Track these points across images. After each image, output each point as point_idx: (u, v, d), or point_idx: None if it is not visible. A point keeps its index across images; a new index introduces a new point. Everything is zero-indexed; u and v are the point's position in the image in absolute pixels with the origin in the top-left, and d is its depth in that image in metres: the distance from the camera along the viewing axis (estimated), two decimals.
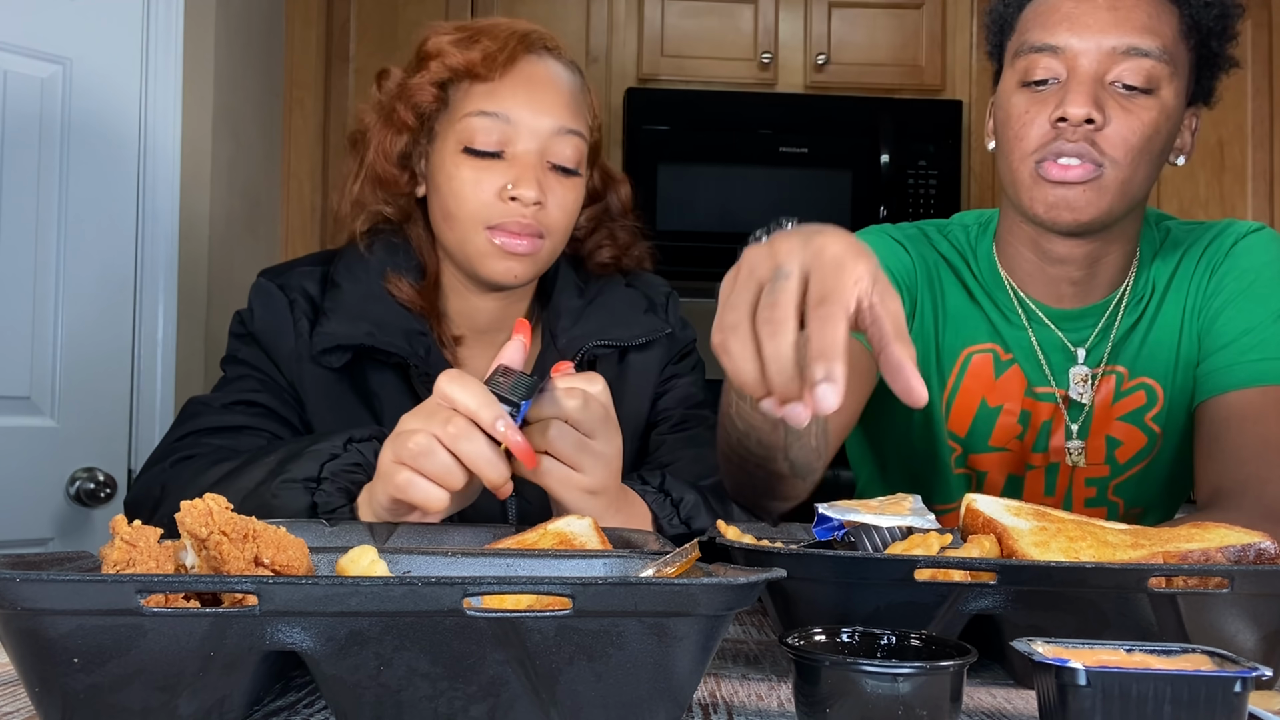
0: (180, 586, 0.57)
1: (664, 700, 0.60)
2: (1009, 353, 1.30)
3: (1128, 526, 0.85)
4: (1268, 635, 0.74)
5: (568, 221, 1.18)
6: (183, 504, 0.64)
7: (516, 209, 1.13)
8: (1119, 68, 1.14)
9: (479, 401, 0.85)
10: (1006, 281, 1.30)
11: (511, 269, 1.15)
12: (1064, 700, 0.61)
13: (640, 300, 1.27)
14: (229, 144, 2.40)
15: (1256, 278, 1.25)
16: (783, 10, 3.12)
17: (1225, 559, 0.78)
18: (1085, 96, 1.13)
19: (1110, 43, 1.14)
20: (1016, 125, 1.18)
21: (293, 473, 0.97)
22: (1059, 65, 1.16)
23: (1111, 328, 1.28)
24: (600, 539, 0.85)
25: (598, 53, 3.09)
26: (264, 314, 1.19)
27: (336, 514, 0.96)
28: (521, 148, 1.14)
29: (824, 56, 3.09)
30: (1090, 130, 1.13)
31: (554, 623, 0.57)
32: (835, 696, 0.60)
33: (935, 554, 0.83)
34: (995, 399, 1.31)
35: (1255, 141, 3.23)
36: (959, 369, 1.32)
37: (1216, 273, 1.27)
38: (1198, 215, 3.21)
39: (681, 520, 1.05)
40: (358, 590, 0.56)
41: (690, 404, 1.27)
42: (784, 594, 0.78)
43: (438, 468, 0.86)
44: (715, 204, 2.99)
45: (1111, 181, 1.15)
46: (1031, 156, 1.16)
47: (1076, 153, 1.14)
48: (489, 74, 1.15)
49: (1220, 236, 1.30)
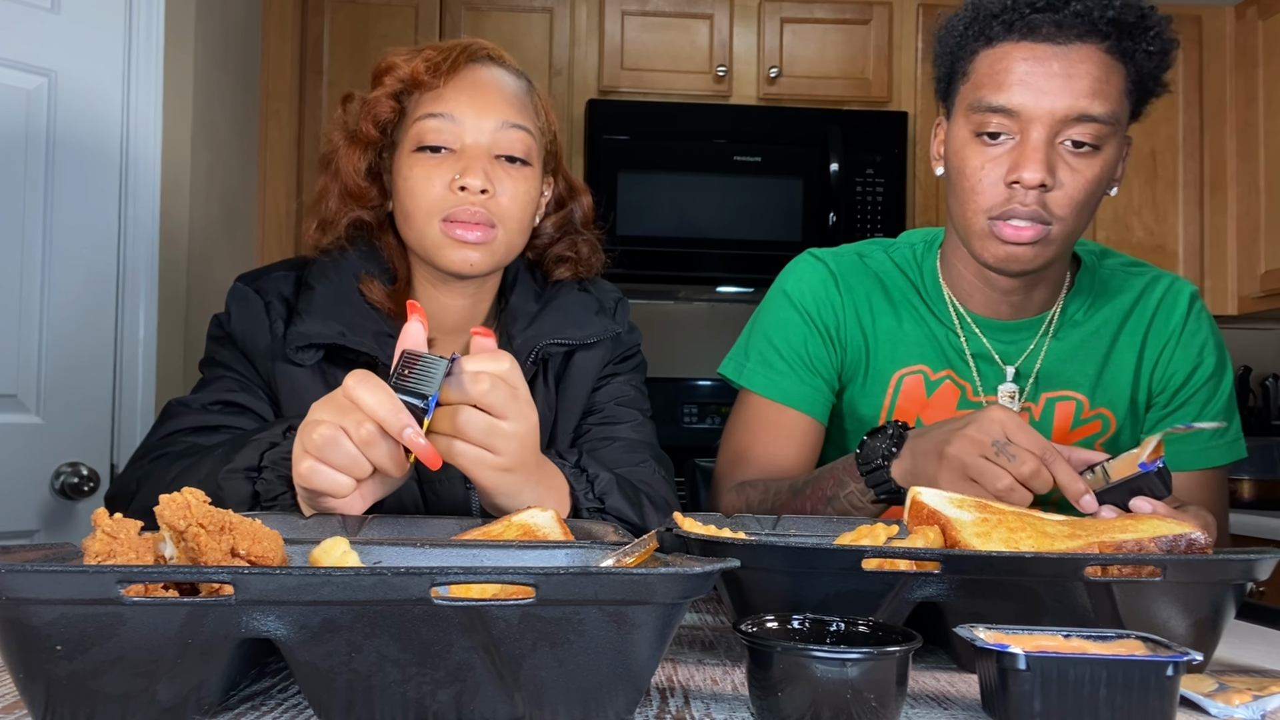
0: (159, 577, 0.57)
1: (623, 685, 0.60)
2: (938, 371, 1.33)
3: (1065, 518, 0.86)
4: (1198, 621, 0.75)
5: (520, 212, 1.18)
6: (161, 498, 0.63)
7: (466, 198, 1.13)
8: (1069, 131, 1.16)
9: (387, 409, 0.84)
10: (948, 295, 1.34)
11: (467, 258, 1.15)
12: (1004, 684, 0.62)
13: (592, 303, 1.28)
14: (207, 153, 2.38)
15: (1210, 365, 1.33)
16: (737, 25, 3.14)
17: (1158, 548, 0.79)
18: (1039, 163, 1.14)
19: (1063, 109, 1.15)
20: (971, 179, 1.20)
21: (236, 463, 0.97)
22: (1013, 124, 1.17)
23: (1042, 348, 1.32)
24: (563, 530, 0.85)
25: (560, 65, 3.08)
26: (240, 316, 1.18)
27: (278, 501, 0.95)
28: (469, 142, 1.15)
29: (776, 70, 3.11)
30: (1041, 193, 1.16)
31: (518, 611, 0.57)
32: (787, 681, 0.60)
33: (882, 544, 0.84)
34: (930, 416, 1.33)
35: (1186, 151, 3.28)
36: (893, 390, 1.34)
37: (1173, 341, 1.33)
38: (1131, 221, 3.25)
39: (596, 495, 1.05)
40: (330, 580, 0.56)
41: (621, 401, 1.28)
42: (738, 583, 0.78)
43: (343, 459, 0.85)
44: (672, 211, 3.00)
45: (1058, 235, 1.18)
46: (985, 213, 1.19)
47: (1029, 215, 1.16)
48: (435, 80, 1.17)
49: (1170, 296, 1.35)
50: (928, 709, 0.68)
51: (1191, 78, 3.28)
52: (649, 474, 1.19)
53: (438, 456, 0.87)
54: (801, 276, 1.38)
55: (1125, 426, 1.33)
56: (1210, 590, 0.75)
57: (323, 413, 0.86)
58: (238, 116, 2.62)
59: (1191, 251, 3.27)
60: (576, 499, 1.04)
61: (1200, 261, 3.27)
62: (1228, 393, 1.35)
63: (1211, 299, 3.25)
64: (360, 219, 1.22)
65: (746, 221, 3.01)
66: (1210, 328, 1.35)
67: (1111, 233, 3.22)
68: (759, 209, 3.01)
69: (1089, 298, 1.34)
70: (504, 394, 0.90)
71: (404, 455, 0.87)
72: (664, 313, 3.39)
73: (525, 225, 1.20)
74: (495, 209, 1.15)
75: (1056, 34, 1.15)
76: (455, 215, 1.14)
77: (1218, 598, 0.75)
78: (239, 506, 0.94)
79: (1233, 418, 1.35)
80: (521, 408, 0.92)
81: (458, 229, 1.14)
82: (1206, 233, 3.27)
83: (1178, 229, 3.28)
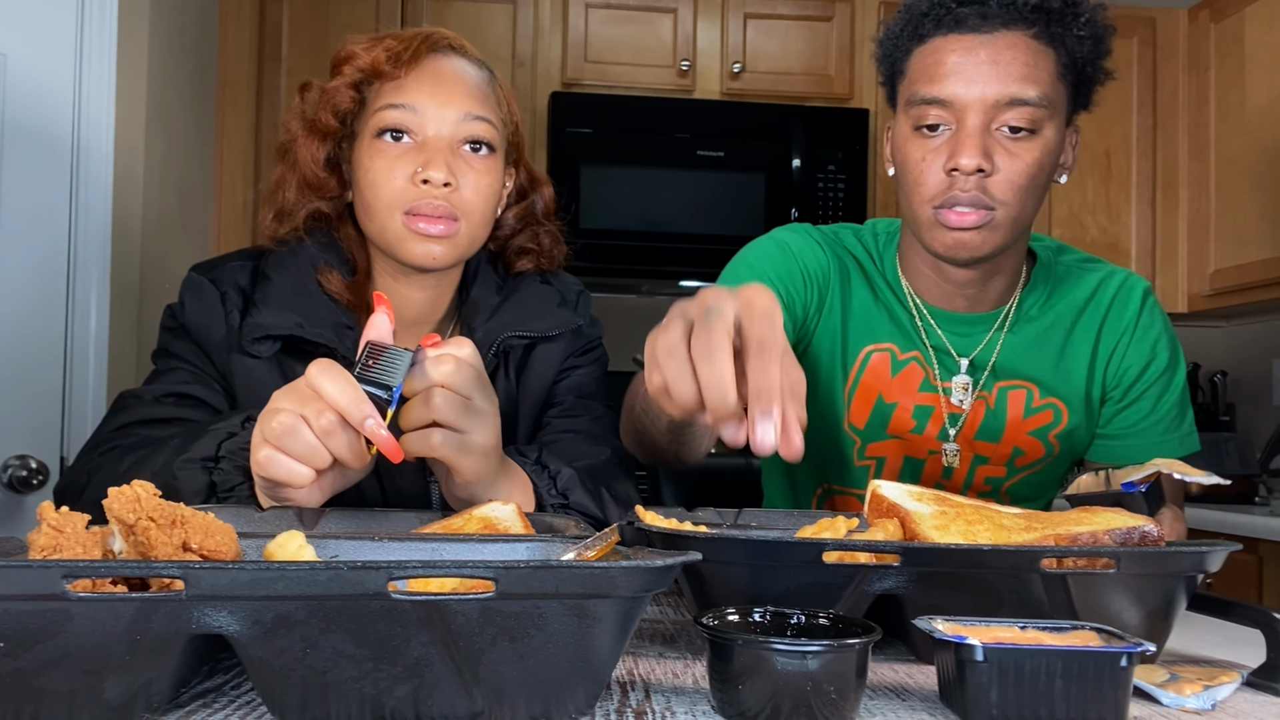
0: (106, 572, 0.55)
1: (584, 679, 0.59)
2: (905, 352, 1.34)
3: (1021, 510, 0.86)
4: (1151, 613, 0.76)
5: (483, 205, 1.16)
6: (110, 490, 0.61)
7: (428, 191, 1.12)
8: (1003, 116, 1.18)
9: (349, 399, 0.83)
10: (906, 288, 1.35)
11: (430, 251, 1.13)
12: (962, 675, 0.62)
13: (554, 295, 1.27)
14: (162, 141, 2.33)
15: (1163, 360, 1.35)
16: (701, 20, 3.13)
17: (1112, 541, 0.79)
18: (974, 149, 1.17)
19: (994, 95, 1.17)
20: (915, 172, 1.22)
21: (192, 453, 0.94)
22: (948, 115, 1.19)
23: (998, 342, 1.33)
24: (524, 524, 0.84)
25: (524, 57, 3.06)
26: (195, 306, 1.16)
27: (234, 492, 0.93)
28: (431, 133, 1.14)
29: (739, 65, 3.11)
30: (981, 178, 1.18)
31: (477, 605, 0.56)
32: (747, 674, 0.60)
33: (842, 537, 0.84)
34: (891, 395, 1.34)
35: (1139, 151, 3.33)
36: (859, 365, 1.35)
37: (1127, 337, 1.35)
38: (1085, 220, 3.29)
39: (559, 491, 1.05)
40: (284, 575, 0.55)
41: (582, 393, 1.28)
42: (699, 576, 0.78)
43: (302, 448, 0.84)
44: (635, 205, 2.99)
45: (1003, 220, 1.20)
46: (929, 203, 1.21)
47: (970, 201, 1.18)
48: (396, 70, 1.15)
49: (1124, 292, 1.36)
50: (886, 700, 0.68)
51: (1145, 79, 3.33)
52: (610, 467, 1.18)
53: (399, 449, 0.86)
54: (790, 229, 1.39)
55: (1080, 420, 1.34)
56: (1162, 582, 0.76)
57: (284, 401, 0.85)
58: (194, 104, 2.58)
59: (1144, 250, 3.32)
60: (540, 495, 1.03)
61: (1152, 260, 3.32)
62: (1180, 387, 1.37)
63: (1162, 297, 3.30)
64: (318, 210, 1.20)
65: (709, 216, 3.01)
66: (1163, 323, 1.37)
67: (1067, 230, 3.26)
68: (722, 204, 3.02)
69: (1045, 293, 1.35)
70: (469, 375, 0.90)
71: (365, 447, 0.86)
72: (627, 306, 3.39)
73: (488, 218, 1.19)
74: (458, 202, 1.14)
75: (982, 24, 1.19)
76: (418, 208, 1.12)
77: (1170, 589, 0.76)
78: (195, 497, 0.93)
79: (1186, 412, 1.37)
80: (486, 390, 0.92)
81: (420, 222, 1.12)
82: (1158, 232, 3.32)
83: (1131, 228, 3.32)
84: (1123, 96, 3.32)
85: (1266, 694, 0.73)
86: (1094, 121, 3.30)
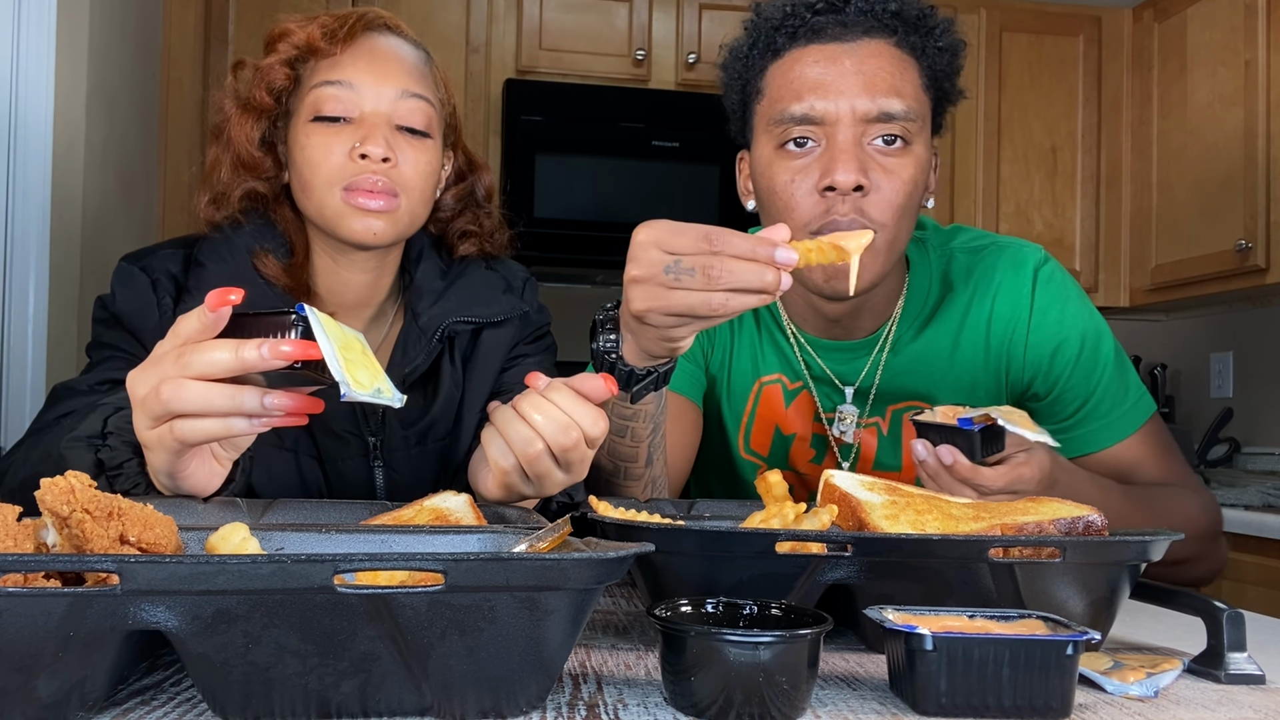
0: (37, 566, 0.53)
1: (535, 672, 0.58)
2: (793, 382, 1.29)
3: (970, 500, 0.87)
4: (1095, 601, 0.77)
5: (422, 182, 1.15)
6: (43, 482, 0.59)
7: (367, 166, 1.10)
8: (876, 127, 1.11)
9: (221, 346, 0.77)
10: (785, 319, 1.29)
11: (370, 227, 1.11)
12: (912, 664, 0.62)
13: (499, 282, 1.26)
14: (104, 121, 2.27)
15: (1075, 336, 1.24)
16: (656, 10, 3.12)
17: (1057, 530, 0.80)
18: (850, 164, 1.09)
19: (863, 107, 1.10)
20: (784, 195, 1.13)
21: (79, 431, 0.89)
22: (817, 130, 1.12)
23: (879, 365, 1.26)
24: (476, 515, 0.83)
25: (477, 44, 3.03)
26: (126, 295, 1.13)
27: (124, 469, 0.86)
28: (369, 110, 1.12)
29: (695, 55, 3.10)
30: (858, 199, 1.10)
31: (426, 598, 0.55)
32: (700, 665, 0.59)
33: (791, 524, 0.84)
34: (788, 427, 1.30)
35: (1084, 148, 3.37)
36: (754, 398, 1.31)
37: (1023, 325, 1.24)
38: (1032, 215, 3.33)
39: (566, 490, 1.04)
40: (224, 568, 0.53)
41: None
42: (652, 567, 0.77)
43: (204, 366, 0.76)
44: (590, 194, 2.97)
45: (882, 245, 1.12)
46: (806, 229, 1.11)
47: (849, 226, 1.10)
48: (331, 47, 1.14)
49: (1011, 273, 1.26)
50: (837, 690, 0.68)
51: (1090, 76, 3.37)
52: None
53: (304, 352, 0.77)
54: None
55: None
56: (1107, 571, 0.76)
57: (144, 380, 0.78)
58: (137, 85, 2.52)
59: (1088, 245, 3.37)
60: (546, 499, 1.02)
61: (1095, 255, 3.37)
62: (1110, 356, 1.25)
63: (1105, 291, 3.35)
64: (254, 190, 1.17)
65: (664, 206, 3.00)
66: (1063, 297, 1.25)
67: (1014, 225, 3.30)
68: (677, 195, 3.01)
69: (923, 301, 1.27)
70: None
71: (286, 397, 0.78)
72: (581, 296, 3.37)
73: (428, 195, 1.17)
74: (397, 177, 1.12)
75: (843, 33, 1.13)
76: (356, 184, 1.11)
77: (1114, 578, 0.77)
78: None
79: (1128, 376, 1.26)
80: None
81: (359, 197, 1.11)
82: (1102, 227, 3.37)
83: (1076, 223, 3.37)
84: (1069, 93, 3.37)
85: (1207, 680, 0.73)
86: (1041, 118, 3.34)
